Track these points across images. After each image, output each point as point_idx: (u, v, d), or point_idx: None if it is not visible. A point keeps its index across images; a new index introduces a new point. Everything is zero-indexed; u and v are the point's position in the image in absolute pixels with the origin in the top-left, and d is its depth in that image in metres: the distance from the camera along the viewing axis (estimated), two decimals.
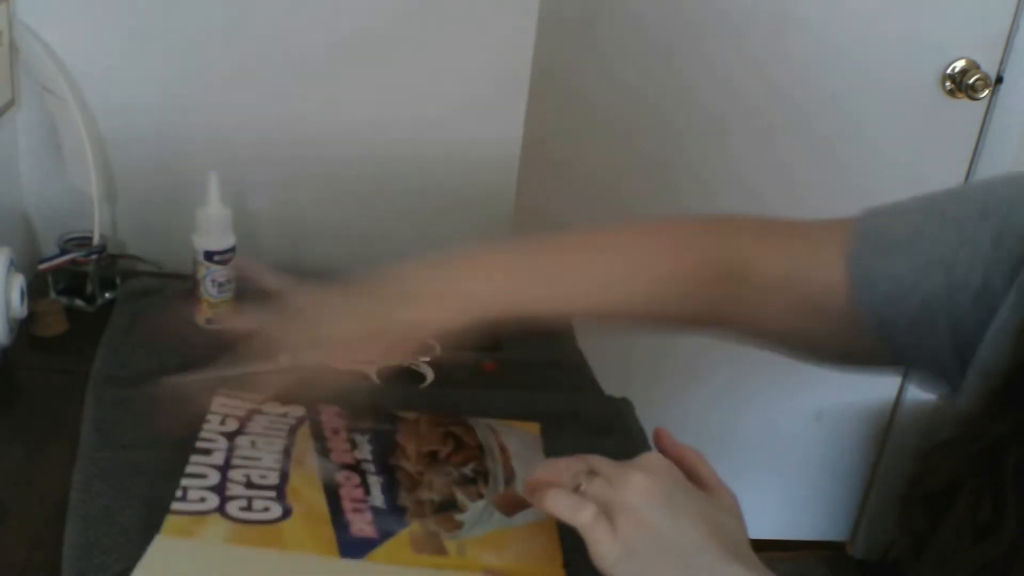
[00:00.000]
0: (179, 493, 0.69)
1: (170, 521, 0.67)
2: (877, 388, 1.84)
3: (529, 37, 1.07)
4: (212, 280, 0.94)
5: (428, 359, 0.92)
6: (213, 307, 0.95)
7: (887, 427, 1.90)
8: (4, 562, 0.64)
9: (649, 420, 0.91)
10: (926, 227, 0.64)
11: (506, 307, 0.73)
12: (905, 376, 0.72)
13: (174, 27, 1.02)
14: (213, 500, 0.69)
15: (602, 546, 0.57)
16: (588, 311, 0.78)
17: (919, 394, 1.87)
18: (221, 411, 0.80)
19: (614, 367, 1.03)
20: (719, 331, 0.77)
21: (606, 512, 0.58)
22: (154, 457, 0.74)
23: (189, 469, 0.72)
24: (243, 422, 0.79)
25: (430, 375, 0.92)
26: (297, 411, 0.82)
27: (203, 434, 0.76)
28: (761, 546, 2.00)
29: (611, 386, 0.96)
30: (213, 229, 0.94)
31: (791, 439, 1.89)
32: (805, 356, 0.75)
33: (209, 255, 0.94)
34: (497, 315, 0.73)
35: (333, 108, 1.08)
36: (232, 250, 0.95)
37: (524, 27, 1.06)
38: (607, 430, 0.87)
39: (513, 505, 0.72)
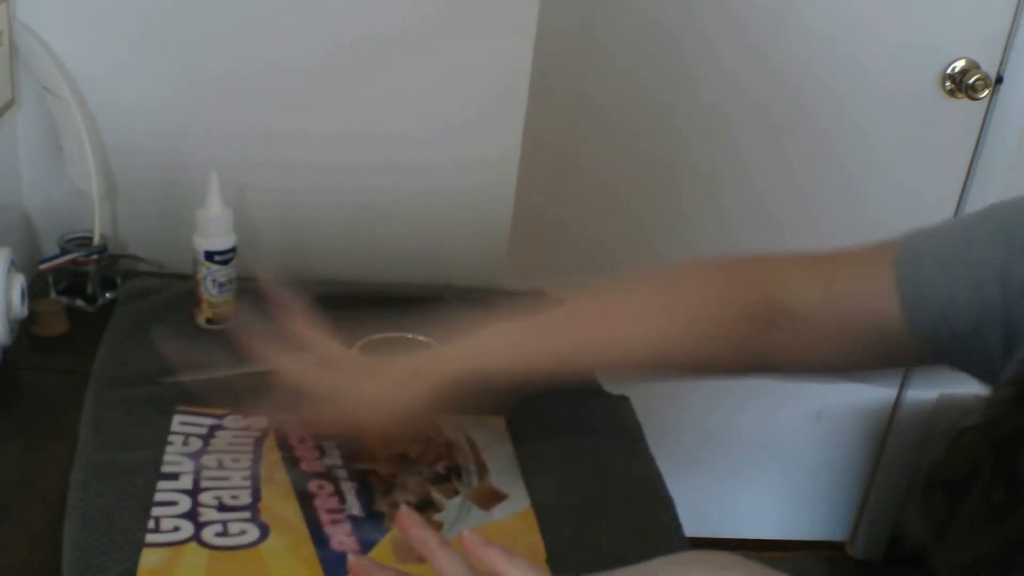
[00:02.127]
0: (151, 524, 0.67)
1: (146, 555, 0.65)
2: (877, 388, 1.84)
3: (529, 40, 1.07)
4: (213, 280, 0.94)
5: None
6: (213, 307, 0.95)
7: (887, 427, 1.90)
8: (4, 562, 0.64)
9: (648, 418, 0.91)
10: (975, 243, 0.65)
11: (522, 379, 0.74)
12: (905, 377, 0.73)
13: (174, 27, 1.03)
14: (188, 528, 0.68)
15: None
16: (612, 375, 0.80)
17: (919, 394, 1.88)
18: (182, 431, 0.78)
19: None
20: (766, 374, 0.77)
21: None
22: (153, 458, 0.74)
23: (158, 497, 0.70)
24: (206, 440, 0.77)
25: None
26: (260, 422, 0.80)
27: (167, 457, 0.75)
28: (761, 546, 2.02)
29: (610, 383, 0.96)
30: (213, 229, 0.94)
31: (791, 439, 1.89)
32: (853, 378, 0.76)
33: (210, 255, 0.94)
34: (533, 376, 0.74)
35: (333, 110, 1.08)
36: (233, 251, 0.95)
37: (524, 30, 1.06)
38: (604, 428, 0.87)
39: (489, 498, 0.72)
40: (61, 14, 1.00)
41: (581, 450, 0.83)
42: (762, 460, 1.90)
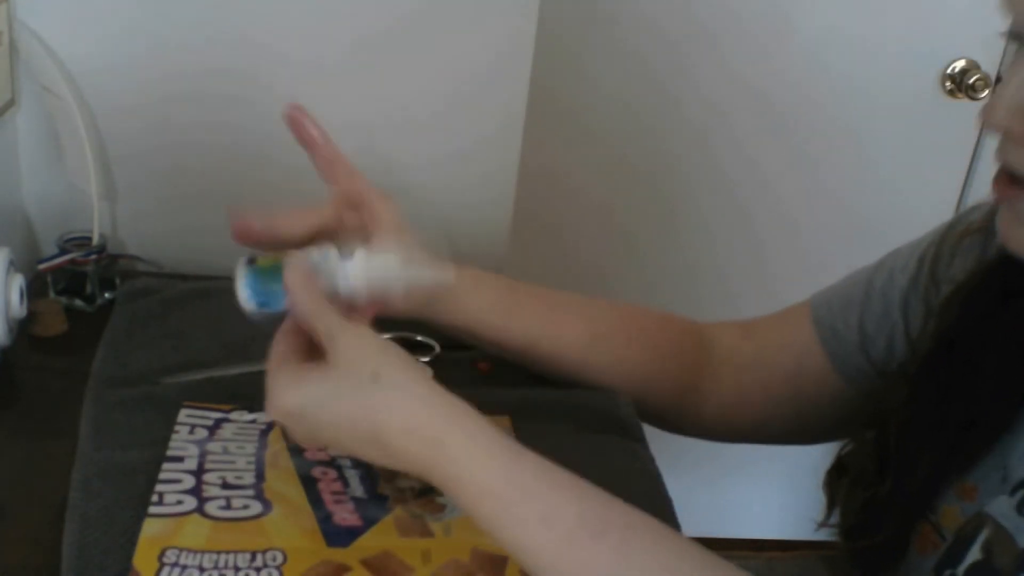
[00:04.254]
0: (155, 498, 0.68)
1: (148, 524, 0.66)
2: None
3: (528, 46, 1.07)
4: None
5: (427, 359, 0.93)
6: None
7: None
8: (4, 562, 0.64)
9: None
10: (875, 281, 0.76)
11: (455, 307, 0.80)
12: None
13: (174, 27, 1.03)
14: (191, 502, 0.68)
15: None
16: (556, 360, 0.85)
17: None
18: (189, 422, 0.78)
19: None
20: (692, 424, 0.88)
21: None
22: (154, 457, 0.74)
23: (162, 475, 0.71)
24: (212, 431, 0.78)
25: (430, 374, 0.91)
26: (266, 416, 0.81)
27: (173, 443, 0.75)
28: (761, 546, 2.02)
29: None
30: None
31: None
32: (782, 436, 0.88)
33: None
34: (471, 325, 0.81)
35: (333, 112, 1.08)
36: None
37: (522, 45, 1.07)
38: (604, 428, 0.87)
39: None
40: (61, 14, 1.00)
41: (581, 450, 0.83)
42: (762, 460, 1.89)
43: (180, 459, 0.73)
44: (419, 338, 0.93)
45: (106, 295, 1.00)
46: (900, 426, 0.64)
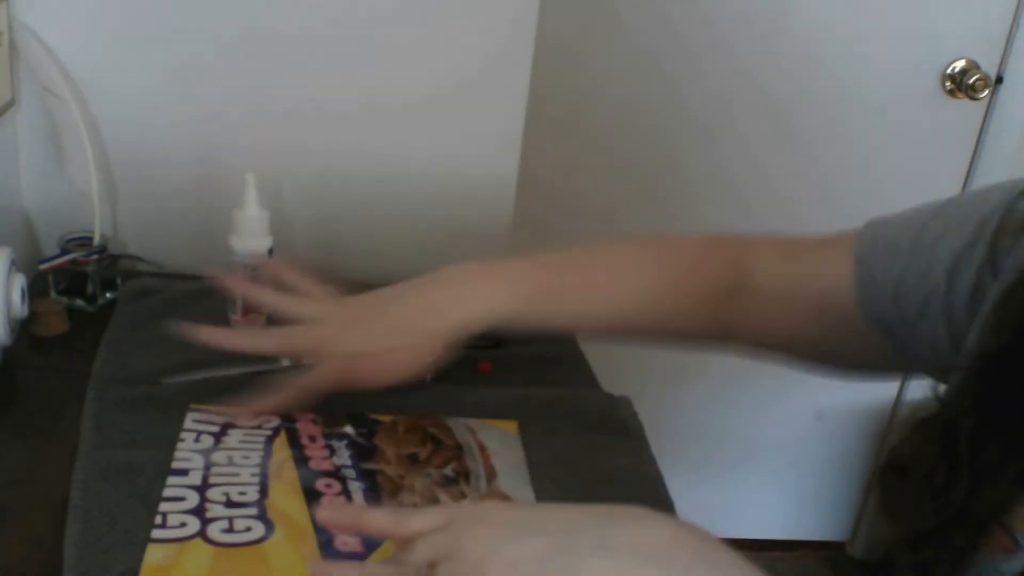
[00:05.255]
0: (158, 520, 0.68)
1: (151, 551, 0.65)
2: (877, 388, 1.83)
3: (528, 41, 1.07)
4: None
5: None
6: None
7: (887, 427, 1.90)
8: (4, 562, 0.64)
9: (648, 418, 0.91)
10: (928, 231, 0.68)
11: (509, 320, 0.76)
12: (905, 378, 0.75)
13: (174, 27, 1.03)
14: (194, 524, 0.68)
15: None
16: (594, 326, 0.81)
17: (919, 394, 1.88)
18: (195, 428, 0.78)
19: (614, 364, 1.03)
20: (728, 345, 0.80)
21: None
22: (154, 457, 0.74)
23: (167, 493, 0.70)
24: (218, 438, 0.78)
25: (430, 374, 0.92)
26: (272, 421, 0.81)
27: (178, 454, 0.75)
28: (761, 546, 2.02)
29: (610, 384, 0.97)
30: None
31: (791, 439, 1.90)
32: (811, 363, 0.79)
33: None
34: (500, 326, 0.76)
35: (333, 112, 1.08)
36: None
37: (522, 47, 1.07)
38: (606, 428, 0.87)
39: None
40: (61, 14, 1.00)
41: (584, 452, 0.83)
42: (762, 460, 1.90)
43: (185, 472, 0.73)
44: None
45: (107, 295, 1.00)
46: (976, 428, 0.58)
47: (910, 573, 0.59)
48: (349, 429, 0.81)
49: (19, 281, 0.84)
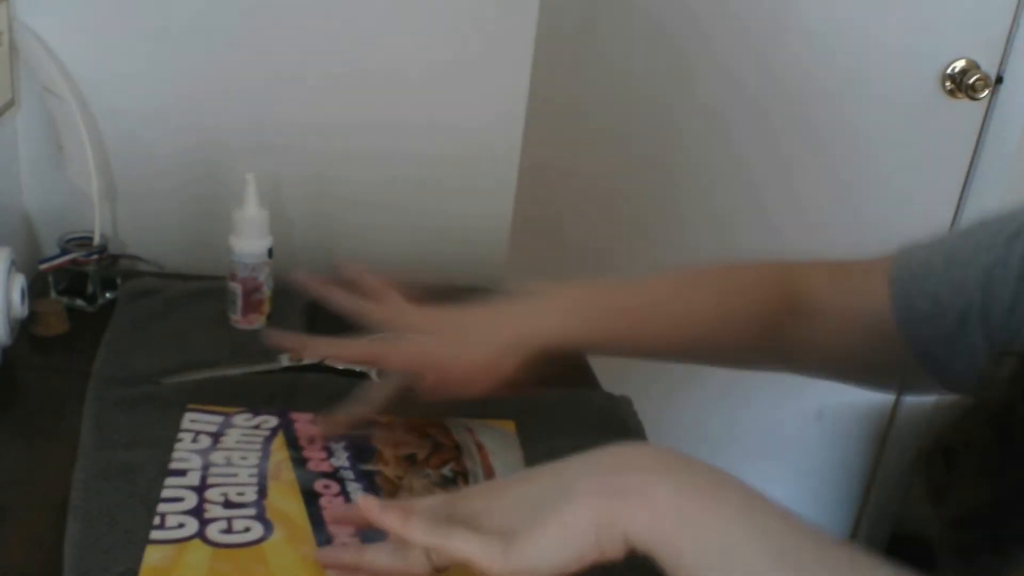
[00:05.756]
0: (157, 521, 0.67)
1: (149, 552, 0.65)
2: None
3: (528, 44, 1.07)
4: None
5: None
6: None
7: (887, 427, 1.90)
8: (4, 562, 0.64)
9: (649, 419, 0.91)
10: (959, 252, 0.72)
11: (577, 339, 0.77)
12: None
13: (174, 27, 1.03)
14: (192, 525, 0.68)
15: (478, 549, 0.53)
16: (657, 349, 0.82)
17: (919, 394, 1.88)
18: (192, 428, 0.78)
19: (615, 365, 1.03)
20: (784, 367, 0.83)
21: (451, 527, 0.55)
22: (154, 457, 0.74)
23: (165, 494, 0.70)
24: (216, 438, 0.78)
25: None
26: (270, 421, 0.80)
27: (176, 454, 0.75)
28: None
29: (611, 384, 0.97)
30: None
31: (791, 439, 1.90)
32: (867, 383, 0.83)
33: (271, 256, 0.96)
34: (570, 349, 0.78)
35: (333, 112, 1.08)
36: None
37: (523, 35, 1.06)
38: (606, 428, 0.87)
39: None
40: (61, 14, 1.00)
41: (582, 451, 0.83)
42: (762, 460, 1.90)
43: (183, 472, 0.73)
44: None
45: (107, 295, 1.00)
46: None
47: (954, 556, 0.59)
48: (348, 430, 0.81)
49: (19, 281, 0.84)
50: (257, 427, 0.80)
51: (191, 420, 0.79)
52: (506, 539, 0.53)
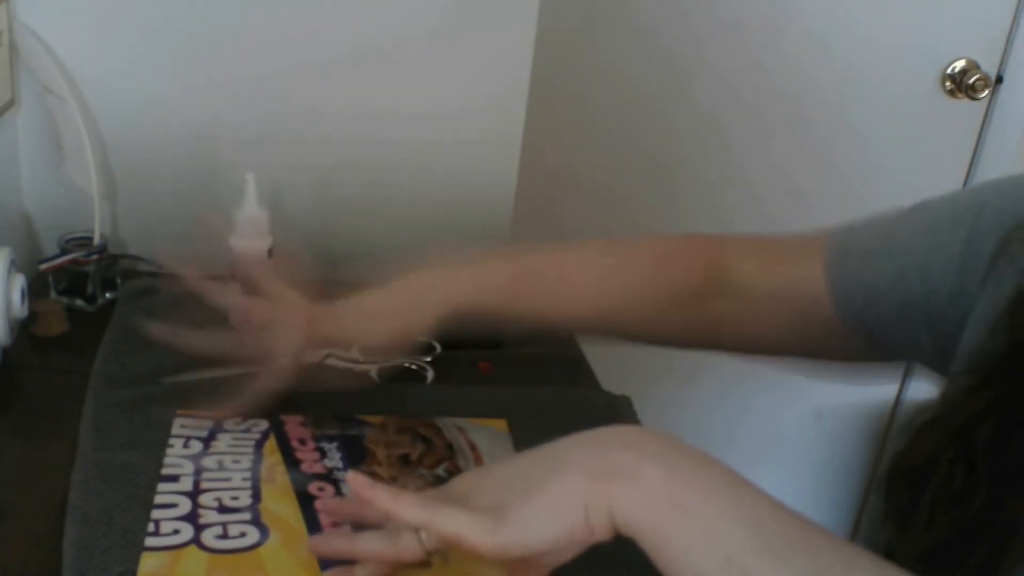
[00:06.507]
0: (151, 527, 0.67)
1: (145, 560, 0.64)
2: (877, 388, 1.84)
3: (528, 44, 1.07)
4: None
5: (429, 359, 0.93)
6: None
7: (887, 427, 1.90)
8: (4, 562, 0.64)
9: (649, 419, 0.91)
10: (898, 236, 0.69)
11: (473, 309, 0.76)
12: (907, 371, 0.75)
13: (174, 26, 1.03)
14: (187, 531, 0.67)
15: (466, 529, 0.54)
16: (563, 321, 0.81)
17: (919, 394, 1.88)
18: (182, 434, 0.78)
19: (614, 365, 1.03)
20: (709, 345, 0.80)
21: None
22: (154, 457, 0.74)
23: (158, 499, 0.70)
24: (207, 443, 0.77)
25: (431, 374, 0.92)
26: (261, 424, 0.80)
27: (167, 460, 0.74)
28: None
29: (611, 384, 0.97)
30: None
31: (791, 439, 1.89)
32: (806, 363, 0.78)
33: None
34: (477, 315, 0.77)
35: (332, 114, 1.08)
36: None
37: (523, 34, 1.06)
38: (603, 425, 0.87)
39: None
40: (61, 14, 1.00)
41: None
42: (762, 460, 1.90)
43: (175, 478, 0.72)
44: (419, 338, 0.92)
45: (107, 295, 1.00)
46: (995, 433, 0.56)
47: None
48: (339, 430, 0.81)
49: (19, 281, 0.84)
50: (248, 430, 0.79)
51: (181, 426, 0.79)
52: (496, 515, 0.53)
